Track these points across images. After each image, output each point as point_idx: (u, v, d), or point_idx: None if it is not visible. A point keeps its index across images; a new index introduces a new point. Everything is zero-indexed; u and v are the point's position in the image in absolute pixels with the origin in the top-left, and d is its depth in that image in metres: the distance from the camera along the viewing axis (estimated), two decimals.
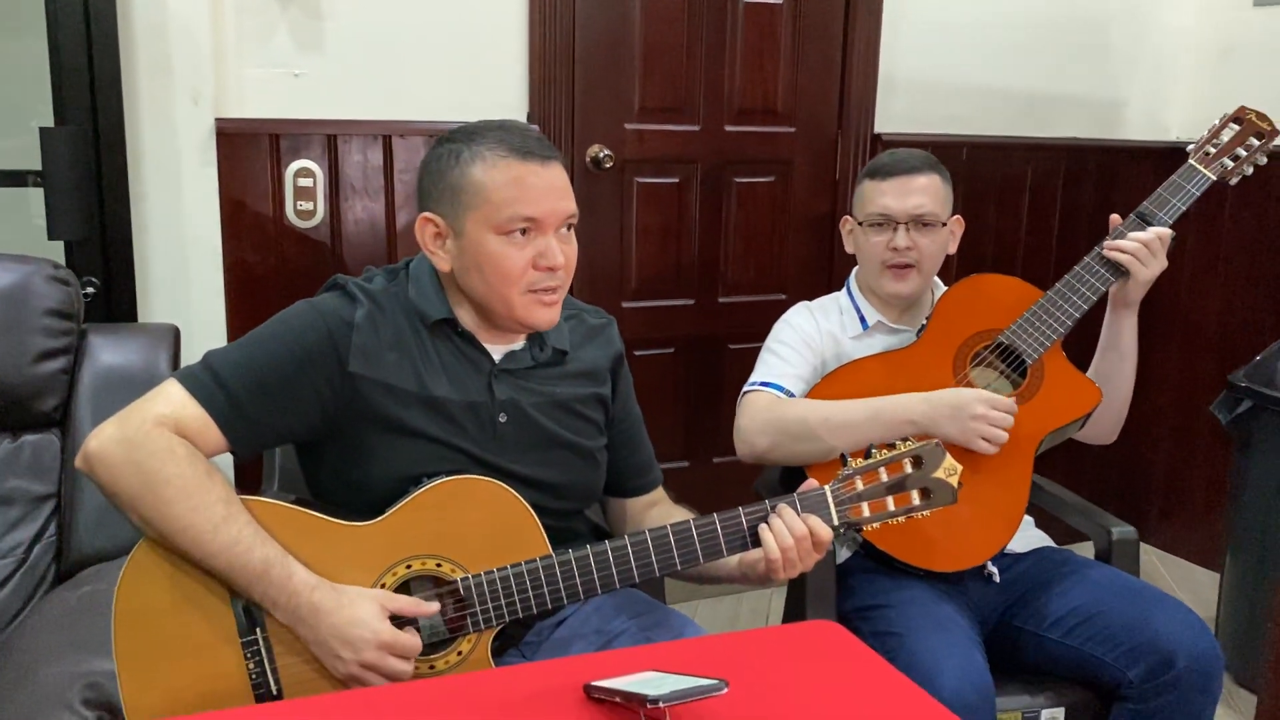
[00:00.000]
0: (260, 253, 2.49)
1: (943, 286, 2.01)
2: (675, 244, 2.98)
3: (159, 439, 1.31)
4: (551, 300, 1.45)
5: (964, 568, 1.79)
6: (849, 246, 2.01)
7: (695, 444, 3.10)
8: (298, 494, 1.54)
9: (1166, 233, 1.84)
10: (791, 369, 1.91)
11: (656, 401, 2.57)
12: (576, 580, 1.37)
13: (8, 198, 2.44)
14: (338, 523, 1.37)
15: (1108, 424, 1.96)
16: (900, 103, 3.08)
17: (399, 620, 1.33)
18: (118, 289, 2.30)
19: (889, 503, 1.40)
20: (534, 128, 1.49)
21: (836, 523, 1.40)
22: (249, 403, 1.37)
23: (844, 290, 2.03)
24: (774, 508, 1.39)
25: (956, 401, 1.74)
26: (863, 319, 1.97)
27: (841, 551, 1.90)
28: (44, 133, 2.16)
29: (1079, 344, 1.96)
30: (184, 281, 2.41)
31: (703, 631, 1.44)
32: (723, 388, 3.07)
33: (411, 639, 1.32)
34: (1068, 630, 1.75)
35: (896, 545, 1.77)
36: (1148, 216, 1.85)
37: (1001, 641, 1.81)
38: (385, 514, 1.38)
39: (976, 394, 1.74)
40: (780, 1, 2.94)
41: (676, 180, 2.94)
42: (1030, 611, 1.81)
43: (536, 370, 1.52)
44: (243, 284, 2.48)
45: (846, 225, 2.00)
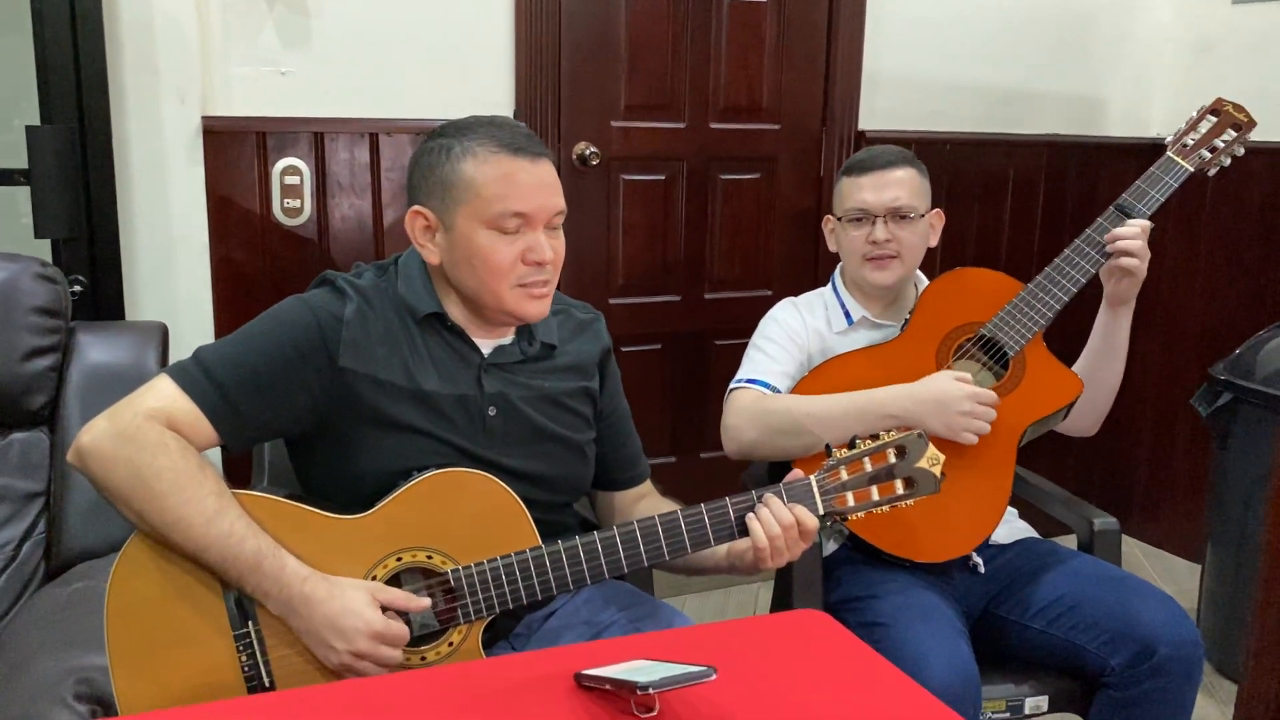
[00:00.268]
0: (247, 250, 2.50)
1: (926, 282, 2.03)
2: (661, 240, 2.99)
3: (151, 433, 1.31)
4: (542, 293, 1.47)
5: (949, 558, 1.81)
6: (831, 245, 2.03)
7: (682, 439, 3.11)
8: (287, 489, 1.55)
9: (1148, 224, 1.86)
10: (777, 365, 1.93)
11: (643, 397, 2.58)
12: (566, 571, 1.38)
13: None
14: (328, 515, 1.38)
15: (1092, 416, 1.98)
16: (884, 99, 3.10)
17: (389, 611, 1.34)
18: (105, 287, 2.29)
19: (873, 492, 1.42)
20: (522, 124, 1.50)
21: (822, 512, 1.42)
22: (240, 397, 1.38)
23: (829, 286, 2.05)
24: (760, 498, 1.41)
25: (942, 397, 1.76)
26: (847, 314, 1.99)
27: (828, 544, 1.92)
28: (30, 131, 2.16)
29: (1063, 336, 1.98)
30: (171, 279, 2.42)
31: (691, 622, 1.45)
32: (709, 383, 3.09)
33: (401, 627, 1.33)
34: (1051, 620, 1.78)
35: (882, 537, 1.79)
36: (1127, 209, 1.87)
37: (986, 631, 1.83)
38: (376, 507, 1.39)
39: (961, 388, 1.76)
40: None
41: (662, 177, 2.96)
42: (1014, 601, 1.83)
43: (525, 364, 1.53)
44: (230, 282, 2.48)
45: (828, 224, 2.02)
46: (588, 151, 2.82)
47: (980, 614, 1.86)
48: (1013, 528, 1.97)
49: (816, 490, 1.42)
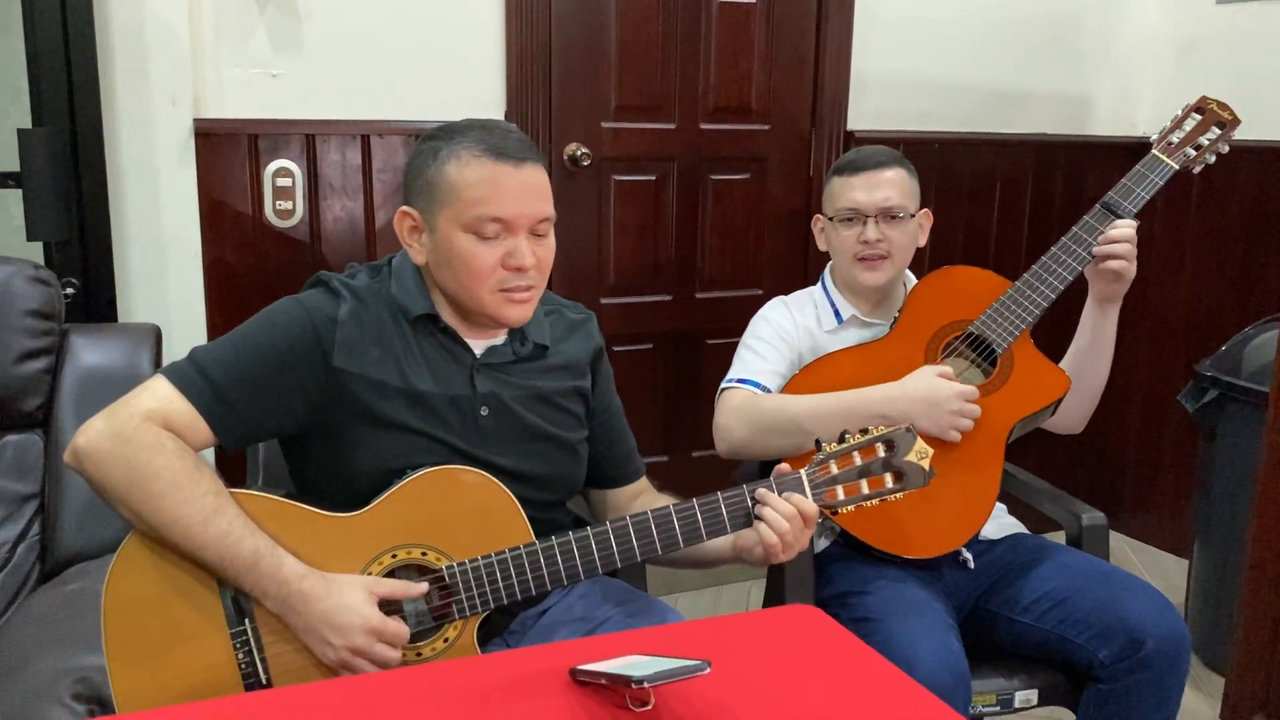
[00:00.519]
0: (239, 252, 2.50)
1: (915, 280, 2.04)
2: (652, 241, 3.00)
3: (147, 433, 1.32)
4: (523, 298, 1.47)
5: (939, 554, 1.82)
6: (821, 245, 2.05)
7: (674, 438, 3.12)
8: (282, 488, 1.56)
9: (1134, 224, 1.88)
10: (768, 365, 1.94)
11: (635, 397, 2.59)
12: (560, 565, 1.39)
13: None
14: (324, 514, 1.39)
15: (1079, 413, 2.00)
16: (872, 100, 3.12)
17: (386, 610, 1.35)
18: (97, 289, 2.30)
19: (863, 486, 1.43)
20: (515, 128, 1.50)
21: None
22: (235, 397, 1.39)
23: (819, 285, 2.06)
24: (753, 492, 1.42)
25: (933, 397, 1.77)
26: (837, 313, 2.00)
27: (819, 541, 1.93)
28: (22, 134, 2.16)
29: (1051, 333, 2.00)
30: (163, 281, 2.42)
31: (684, 619, 1.46)
32: (701, 382, 3.10)
33: (399, 626, 1.34)
34: (1040, 614, 1.79)
35: (873, 533, 1.80)
36: (1113, 207, 1.89)
37: (976, 626, 1.85)
38: (370, 505, 1.40)
39: (950, 387, 1.77)
40: (753, 1, 2.97)
41: (653, 178, 2.97)
42: (1004, 596, 1.84)
43: (518, 364, 1.54)
44: (222, 283, 2.49)
45: (818, 224, 2.04)
46: (579, 152, 2.83)
47: (970, 609, 1.88)
48: (1002, 523, 1.98)
49: (807, 484, 1.43)
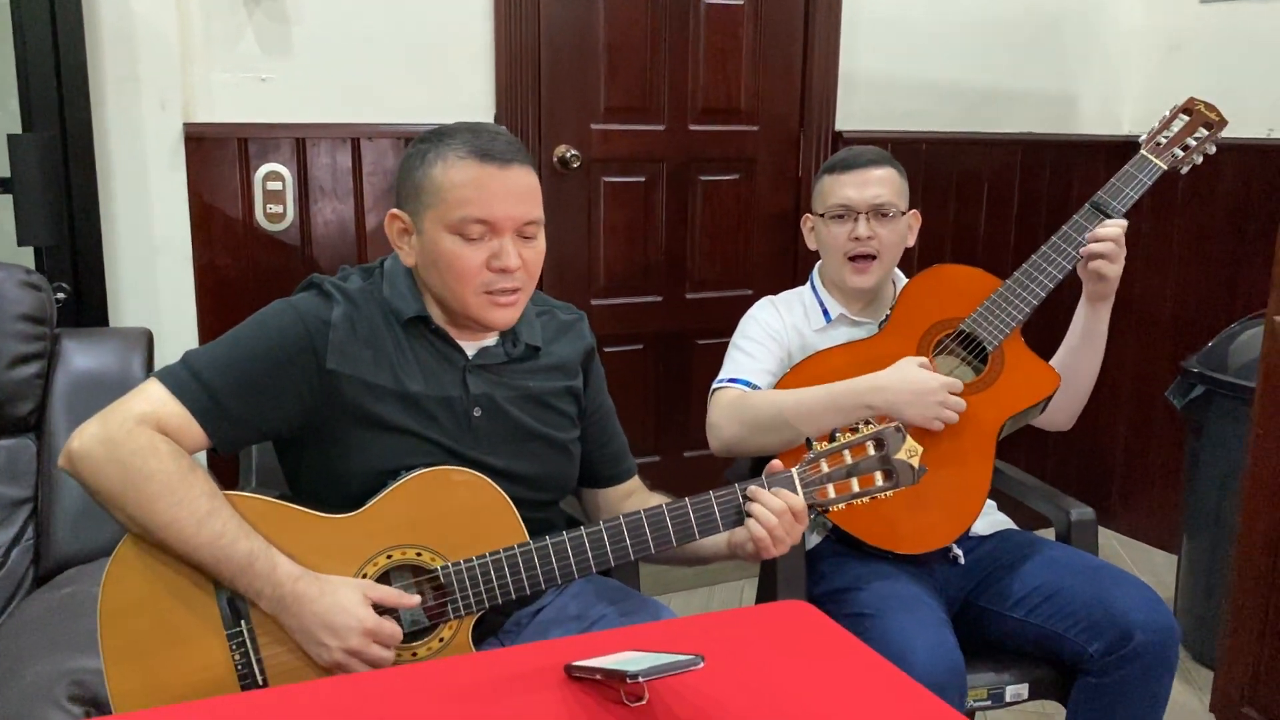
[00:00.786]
0: (230, 256, 2.51)
1: (904, 280, 2.06)
2: (642, 242, 3.01)
3: (141, 436, 1.33)
4: (508, 301, 1.47)
5: (930, 550, 1.83)
6: (810, 243, 2.06)
7: (665, 438, 3.13)
8: (276, 491, 1.56)
9: (1123, 224, 1.89)
10: (758, 364, 1.95)
11: (627, 397, 2.60)
12: (554, 565, 1.40)
13: None
14: (318, 515, 1.39)
15: (1068, 410, 2.01)
16: (860, 100, 3.14)
17: (380, 610, 1.36)
18: (88, 294, 2.30)
19: (853, 484, 1.44)
20: (505, 131, 1.51)
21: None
22: (229, 400, 1.39)
23: (807, 285, 2.07)
24: (744, 490, 1.43)
25: (919, 388, 1.79)
26: (826, 312, 2.02)
27: (811, 537, 1.94)
28: (12, 139, 2.16)
29: (1041, 331, 2.01)
30: (154, 285, 2.42)
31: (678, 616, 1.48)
32: (691, 382, 3.11)
33: (393, 627, 1.35)
34: (1030, 608, 1.80)
35: (865, 529, 1.81)
36: (1103, 206, 1.90)
37: (967, 621, 1.86)
38: (365, 506, 1.40)
39: (934, 378, 1.79)
40: (741, 2, 2.98)
41: (643, 179, 2.98)
42: (994, 592, 1.86)
43: (510, 365, 1.55)
44: (213, 287, 2.49)
45: (808, 223, 2.05)
46: (568, 154, 2.84)
47: (961, 605, 1.89)
48: (992, 520, 2.00)
49: (798, 483, 1.44)
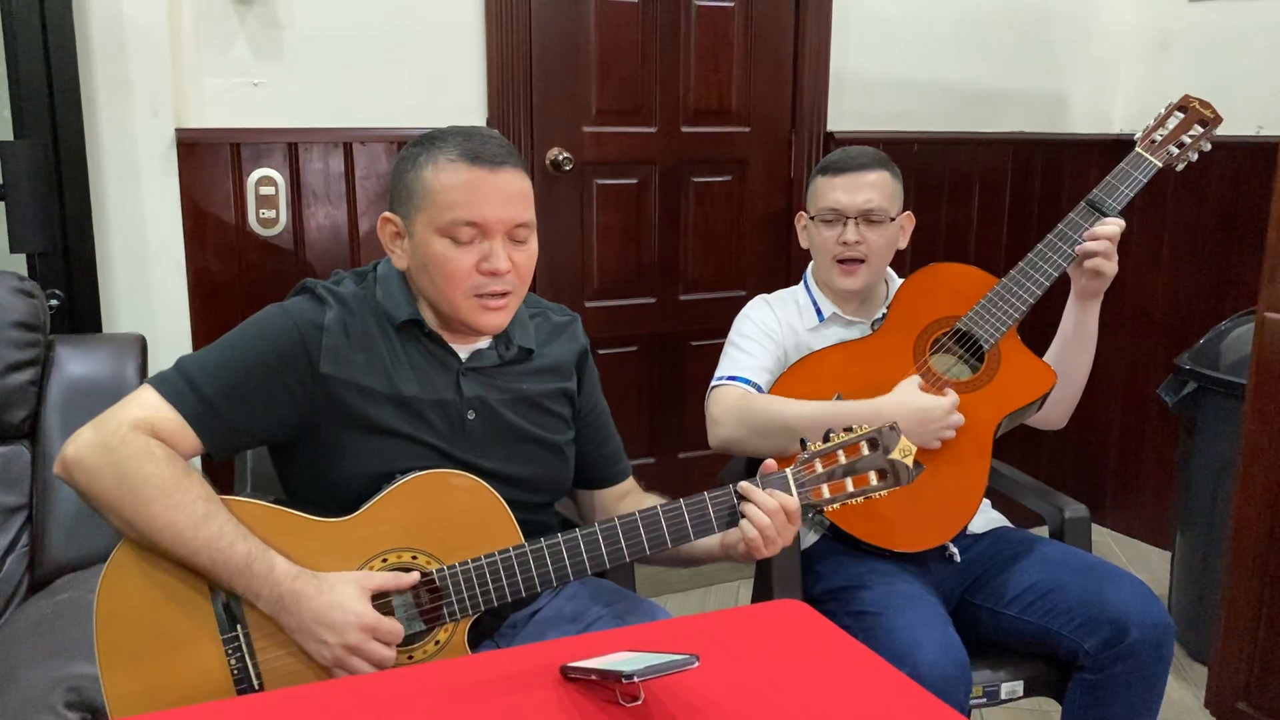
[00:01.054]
0: (223, 261, 2.51)
1: (897, 279, 2.06)
2: (635, 243, 3.02)
3: (136, 441, 1.33)
4: (498, 305, 1.47)
5: (927, 548, 1.84)
6: (803, 241, 2.07)
7: (660, 440, 3.14)
8: (271, 495, 1.56)
9: (1121, 223, 1.90)
10: (756, 361, 1.96)
11: (621, 399, 2.61)
12: (549, 567, 1.40)
13: None
14: (314, 519, 1.39)
15: (1062, 408, 2.02)
16: (851, 101, 3.14)
17: (379, 611, 1.36)
18: (82, 300, 2.30)
19: (848, 484, 1.44)
20: (497, 134, 1.51)
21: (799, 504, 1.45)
22: (222, 405, 1.40)
23: (801, 284, 2.08)
24: (738, 490, 1.44)
25: (925, 414, 1.79)
26: (819, 311, 2.02)
27: (808, 537, 1.95)
28: (3, 147, 2.16)
29: (1034, 329, 2.02)
30: (148, 291, 2.42)
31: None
32: (686, 383, 3.11)
33: (394, 624, 1.35)
34: (1025, 606, 1.81)
35: (861, 527, 1.82)
36: (1098, 204, 1.91)
37: (962, 619, 1.86)
38: (360, 509, 1.41)
39: (940, 402, 1.79)
40: (732, 4, 2.99)
41: (635, 181, 2.99)
42: (989, 589, 1.86)
43: (503, 368, 1.55)
44: (206, 293, 2.49)
45: (801, 221, 2.06)
46: (560, 156, 2.84)
47: (956, 603, 1.90)
48: (987, 518, 2.00)
49: (792, 483, 1.44)
